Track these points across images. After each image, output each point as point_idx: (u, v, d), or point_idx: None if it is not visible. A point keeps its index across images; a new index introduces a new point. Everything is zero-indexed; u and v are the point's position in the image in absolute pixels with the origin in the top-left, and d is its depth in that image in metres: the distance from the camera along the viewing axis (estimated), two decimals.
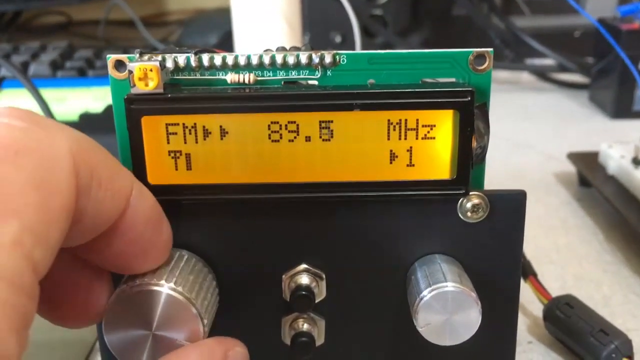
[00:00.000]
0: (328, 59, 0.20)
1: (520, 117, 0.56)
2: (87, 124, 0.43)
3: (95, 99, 0.45)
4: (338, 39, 0.62)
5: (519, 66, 0.64)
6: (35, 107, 0.38)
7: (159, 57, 0.20)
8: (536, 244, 0.35)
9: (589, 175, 0.39)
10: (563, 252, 0.34)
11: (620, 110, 0.53)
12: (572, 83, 0.62)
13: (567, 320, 0.26)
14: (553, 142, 0.49)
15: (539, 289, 0.28)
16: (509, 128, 0.53)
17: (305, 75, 0.21)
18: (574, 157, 0.41)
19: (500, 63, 0.64)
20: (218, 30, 0.68)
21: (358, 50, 0.54)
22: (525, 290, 0.28)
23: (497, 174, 0.44)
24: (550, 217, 0.38)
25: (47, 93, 0.41)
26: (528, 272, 0.29)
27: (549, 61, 0.62)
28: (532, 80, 0.65)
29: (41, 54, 0.51)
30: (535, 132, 0.52)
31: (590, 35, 0.57)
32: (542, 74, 0.64)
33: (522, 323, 0.28)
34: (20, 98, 0.42)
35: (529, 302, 0.29)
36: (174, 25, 0.82)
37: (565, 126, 0.53)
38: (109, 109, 0.43)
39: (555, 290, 0.29)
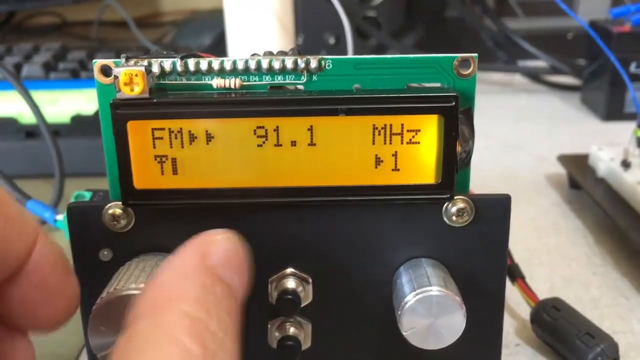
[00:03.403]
0: (314, 64, 0.20)
1: (512, 119, 0.56)
2: (79, 126, 0.43)
3: (87, 100, 0.45)
4: (332, 40, 0.62)
5: (512, 68, 0.64)
6: (27, 110, 0.38)
7: (145, 62, 0.20)
8: (526, 245, 0.35)
9: (579, 177, 0.39)
10: (552, 254, 0.35)
11: (612, 112, 0.53)
12: (565, 85, 0.62)
13: (554, 323, 0.26)
14: (545, 144, 0.50)
15: (527, 291, 0.28)
16: (501, 130, 0.53)
17: (291, 80, 0.21)
18: (565, 160, 0.42)
19: (493, 65, 0.64)
20: (212, 31, 0.68)
21: (350, 52, 0.54)
22: (514, 293, 0.29)
23: (488, 176, 0.44)
24: (540, 219, 0.38)
25: (39, 95, 0.41)
26: (516, 274, 0.29)
27: (541, 63, 0.62)
28: (525, 82, 0.65)
29: (34, 56, 0.51)
30: (527, 134, 0.52)
31: (582, 37, 0.57)
32: (534, 75, 0.64)
33: (510, 325, 0.28)
34: (12, 100, 0.42)
35: (517, 304, 0.29)
36: (168, 26, 0.82)
37: (557, 128, 0.53)
38: None
39: (544, 292, 0.29)
